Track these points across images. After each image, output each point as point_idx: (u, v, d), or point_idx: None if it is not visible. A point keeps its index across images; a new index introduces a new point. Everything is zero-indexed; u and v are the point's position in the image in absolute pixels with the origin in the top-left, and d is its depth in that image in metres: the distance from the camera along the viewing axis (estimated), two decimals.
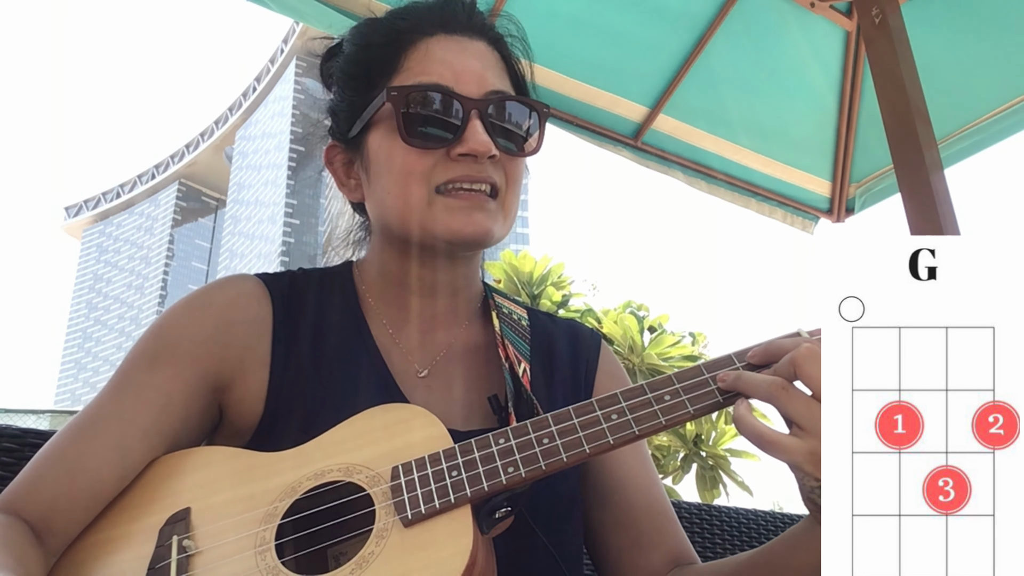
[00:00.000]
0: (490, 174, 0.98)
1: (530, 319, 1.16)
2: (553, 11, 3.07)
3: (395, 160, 0.98)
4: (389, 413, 0.89)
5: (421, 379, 1.03)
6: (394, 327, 1.06)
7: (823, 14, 3.25)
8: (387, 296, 1.07)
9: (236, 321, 0.98)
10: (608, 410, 0.83)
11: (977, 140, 3.34)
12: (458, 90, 0.97)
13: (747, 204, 3.80)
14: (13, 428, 1.13)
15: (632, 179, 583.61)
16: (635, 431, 0.82)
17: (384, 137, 1.00)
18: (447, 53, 1.00)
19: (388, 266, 1.07)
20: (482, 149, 0.95)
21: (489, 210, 0.98)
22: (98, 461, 0.87)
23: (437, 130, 0.97)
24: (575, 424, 0.83)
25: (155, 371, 0.93)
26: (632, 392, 0.85)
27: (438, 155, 0.97)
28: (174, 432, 0.93)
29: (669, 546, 1.05)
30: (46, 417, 20.67)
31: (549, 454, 0.81)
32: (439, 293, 1.07)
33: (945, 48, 3.21)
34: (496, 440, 0.83)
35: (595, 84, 3.28)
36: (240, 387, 0.97)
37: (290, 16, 2.62)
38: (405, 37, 1.02)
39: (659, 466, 13.28)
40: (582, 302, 14.48)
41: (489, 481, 0.80)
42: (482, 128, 0.96)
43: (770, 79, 3.51)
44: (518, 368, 1.03)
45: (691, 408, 0.82)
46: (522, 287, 14.08)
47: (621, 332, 12.66)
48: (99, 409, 0.91)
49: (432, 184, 0.96)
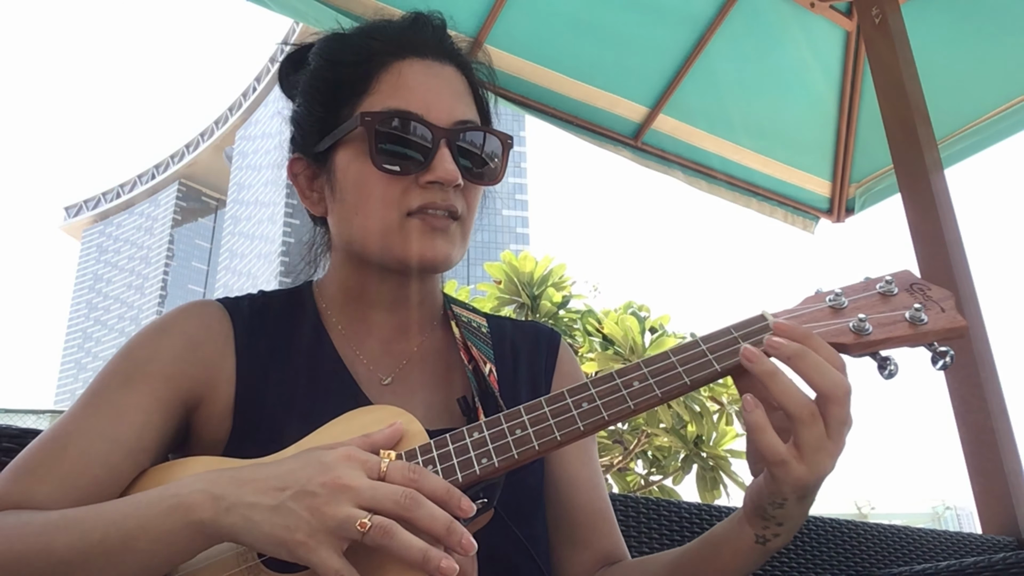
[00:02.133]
0: (453, 201, 1.00)
1: (490, 325, 1.19)
2: (553, 11, 3.07)
3: (365, 184, 1.00)
4: (367, 415, 0.90)
5: (385, 386, 1.06)
6: (356, 340, 1.09)
7: (823, 14, 3.26)
8: (347, 310, 1.10)
9: (200, 342, 1.01)
10: (578, 397, 0.84)
11: (977, 140, 3.34)
12: (428, 118, 0.99)
13: (748, 204, 3.80)
14: (13, 428, 1.12)
15: (633, 179, 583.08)
16: (604, 416, 0.83)
17: (353, 159, 1.01)
18: (418, 78, 1.02)
19: (348, 281, 1.09)
20: (449, 178, 0.98)
21: (450, 234, 1.01)
22: (87, 479, 0.88)
23: (407, 157, 0.99)
24: (546, 412, 0.84)
25: (130, 390, 0.95)
26: (602, 379, 0.86)
27: (407, 181, 0.99)
28: (155, 448, 0.95)
29: (601, 545, 1.09)
30: (46, 417, 20.67)
31: (521, 443, 0.82)
32: (399, 307, 1.10)
33: (945, 48, 3.21)
34: (470, 433, 0.84)
35: (595, 84, 3.28)
36: (209, 405, 1.00)
37: (290, 16, 2.62)
38: (376, 58, 1.03)
39: (660, 467, 13.26)
40: (583, 303, 14.46)
41: (463, 472, 0.81)
42: (450, 157, 0.99)
43: (770, 79, 3.51)
44: (484, 368, 1.07)
45: (658, 391, 0.84)
46: (522, 288, 14.06)
47: (622, 333, 12.63)
48: (78, 427, 0.92)
49: (402, 210, 0.99)
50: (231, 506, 0.75)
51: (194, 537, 0.76)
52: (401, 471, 0.77)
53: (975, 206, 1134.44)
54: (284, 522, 0.73)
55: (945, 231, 2.52)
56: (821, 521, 2.00)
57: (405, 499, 0.74)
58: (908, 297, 0.88)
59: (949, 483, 78.57)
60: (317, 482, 0.75)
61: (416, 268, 1.02)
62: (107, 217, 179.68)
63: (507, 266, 14.25)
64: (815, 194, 3.86)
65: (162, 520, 0.76)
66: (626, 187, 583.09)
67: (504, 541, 0.98)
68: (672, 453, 13.02)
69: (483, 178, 1.05)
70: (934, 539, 2.18)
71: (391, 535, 0.72)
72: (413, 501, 0.74)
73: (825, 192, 3.86)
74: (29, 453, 0.91)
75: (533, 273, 14.31)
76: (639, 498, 1.76)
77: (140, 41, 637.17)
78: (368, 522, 0.72)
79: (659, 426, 12.47)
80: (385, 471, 0.77)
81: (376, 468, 0.77)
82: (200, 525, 0.75)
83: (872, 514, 36.80)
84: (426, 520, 0.74)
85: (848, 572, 1.96)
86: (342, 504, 0.73)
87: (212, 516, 0.75)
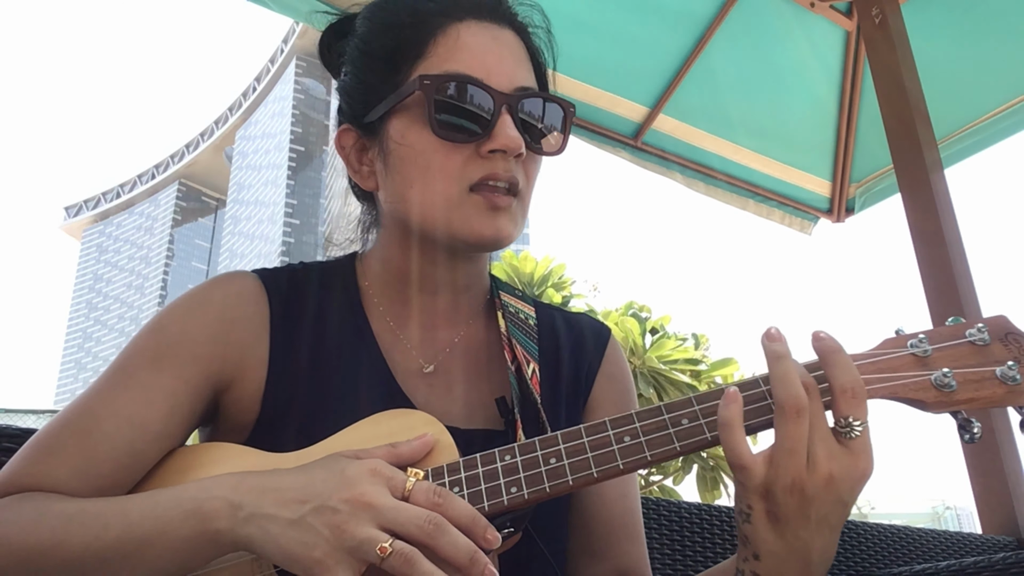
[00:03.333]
0: (514, 172, 0.94)
1: (538, 317, 1.13)
2: (553, 11, 3.06)
3: (425, 154, 0.93)
4: (395, 420, 0.86)
5: (424, 376, 1.01)
6: (396, 322, 1.04)
7: (823, 14, 3.25)
8: (389, 291, 1.04)
9: (235, 319, 0.96)
10: (620, 431, 0.78)
11: (977, 140, 3.34)
12: (489, 83, 0.93)
13: (745, 205, 3.80)
14: (13, 428, 1.12)
15: (634, 179, 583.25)
16: (647, 456, 0.77)
17: (409, 127, 0.94)
18: (478, 42, 0.95)
19: (393, 260, 1.04)
20: (513, 146, 0.91)
21: (511, 212, 0.95)
22: (110, 466, 0.85)
23: (467, 124, 0.92)
24: (585, 444, 0.78)
25: (159, 371, 0.91)
26: (649, 412, 0.79)
27: (468, 151, 0.93)
28: (181, 433, 0.92)
29: (618, 560, 1.03)
30: (46, 417, 20.66)
31: (554, 475, 0.77)
32: (443, 290, 1.04)
33: (945, 48, 3.21)
34: (501, 457, 0.79)
35: (595, 84, 3.28)
36: (238, 387, 0.95)
37: (290, 16, 2.62)
38: (434, 20, 0.96)
39: (660, 467, 13.26)
40: (583, 303, 14.44)
41: (490, 500, 0.77)
42: (512, 124, 0.92)
43: (770, 79, 3.51)
44: (526, 369, 1.01)
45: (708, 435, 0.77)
46: (523, 288, 14.05)
47: (622, 335, 12.63)
48: (104, 408, 0.88)
49: (464, 182, 0.93)
50: (249, 516, 0.73)
51: (209, 546, 0.74)
52: (426, 494, 0.74)
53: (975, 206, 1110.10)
54: (302, 538, 0.71)
55: (945, 231, 2.52)
56: None
57: (429, 524, 0.71)
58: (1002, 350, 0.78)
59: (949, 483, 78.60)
60: (340, 498, 0.72)
61: (475, 247, 0.96)
62: (107, 217, 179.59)
63: (508, 266, 14.23)
64: (815, 194, 3.86)
65: (179, 526, 0.74)
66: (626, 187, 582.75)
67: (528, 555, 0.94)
68: None
69: (544, 148, 0.99)
70: (934, 539, 2.18)
71: (412, 564, 0.69)
72: (437, 528, 0.71)
73: (825, 192, 3.86)
74: (51, 432, 0.87)
75: (534, 273, 14.30)
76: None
77: (141, 41, 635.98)
78: (389, 547, 0.69)
79: None
80: (410, 491, 0.74)
81: (401, 487, 0.74)
82: (216, 535, 0.74)
83: (872, 514, 36.78)
84: (449, 548, 0.71)
85: (848, 572, 1.96)
86: (363, 524, 0.70)
87: (229, 526, 0.73)
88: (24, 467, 0.84)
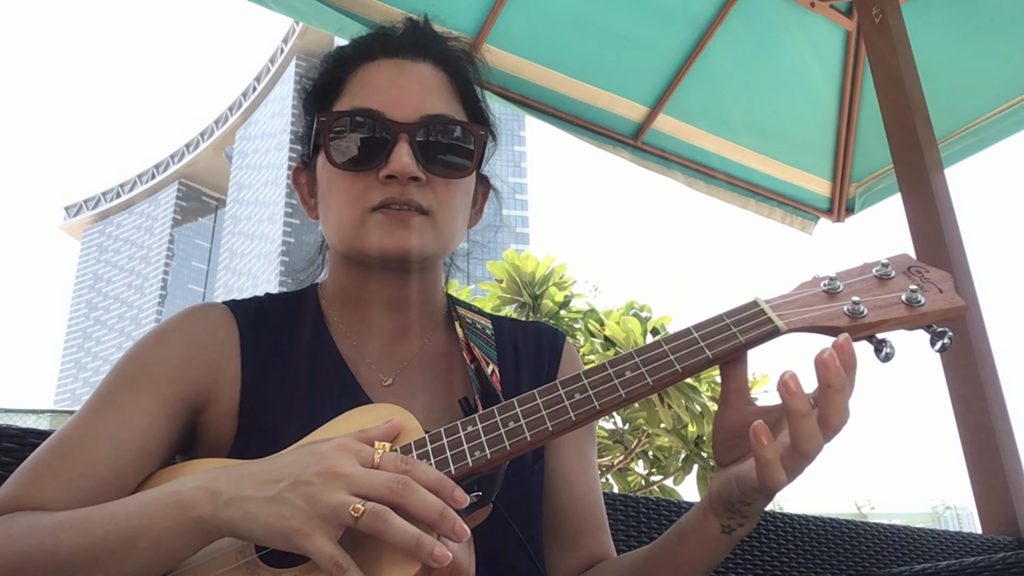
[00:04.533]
0: (413, 196, 1.00)
1: (494, 327, 1.19)
2: (554, 11, 3.07)
3: (332, 183, 1.04)
4: (367, 413, 0.92)
5: (386, 388, 1.07)
6: (358, 341, 1.10)
7: (823, 14, 3.26)
8: (348, 311, 1.11)
9: (205, 344, 1.03)
10: (571, 388, 0.84)
11: (977, 140, 3.34)
12: (389, 114, 1.01)
13: (746, 205, 3.80)
14: (13, 428, 1.13)
15: (634, 179, 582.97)
16: (596, 406, 0.83)
17: (325, 161, 1.04)
18: (382, 77, 1.05)
19: (344, 282, 1.11)
20: (403, 171, 0.98)
21: (415, 226, 1.01)
22: (93, 483, 0.89)
23: (368, 154, 1.01)
24: (539, 404, 0.84)
25: (137, 394, 0.96)
26: (594, 370, 0.86)
27: (369, 178, 1.01)
28: (160, 451, 0.96)
29: (589, 549, 1.10)
30: (46, 417, 20.67)
31: (513, 434, 0.82)
32: (398, 307, 1.10)
33: (945, 48, 3.21)
34: (464, 426, 0.85)
35: (595, 84, 3.28)
36: (214, 407, 1.01)
37: (290, 16, 2.62)
38: (349, 63, 1.08)
39: (660, 467, 13.26)
40: (584, 303, 14.46)
41: (456, 464, 0.82)
42: (407, 151, 0.99)
43: (770, 79, 3.51)
44: (486, 369, 1.07)
45: (650, 380, 0.83)
46: (524, 287, 14.06)
47: (624, 334, 12.63)
48: (85, 431, 0.93)
49: (366, 205, 1.01)
50: (229, 500, 0.76)
51: (194, 533, 0.77)
52: (394, 461, 0.78)
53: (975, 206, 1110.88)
54: (280, 511, 0.74)
55: (945, 230, 2.52)
56: (821, 521, 2.00)
57: (398, 484, 0.75)
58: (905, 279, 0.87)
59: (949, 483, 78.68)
60: (311, 471, 0.75)
61: (380, 259, 1.03)
62: (107, 217, 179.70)
63: (509, 265, 14.24)
64: (815, 194, 3.86)
65: (162, 518, 0.77)
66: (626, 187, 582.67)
67: (504, 541, 0.99)
68: (673, 453, 13.02)
69: (451, 172, 1.04)
70: (934, 539, 2.18)
71: (384, 520, 0.73)
72: (406, 487, 0.75)
73: (825, 192, 3.86)
74: (37, 456, 0.92)
75: (535, 273, 14.31)
76: (639, 498, 1.76)
77: (141, 40, 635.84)
78: (361, 507, 0.73)
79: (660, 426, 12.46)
80: (379, 461, 0.78)
81: (370, 458, 0.78)
82: (199, 521, 0.76)
83: (872, 514, 36.78)
84: (419, 506, 0.74)
85: (848, 572, 1.96)
86: (336, 491, 0.74)
87: (211, 512, 0.76)
88: (14, 489, 0.89)
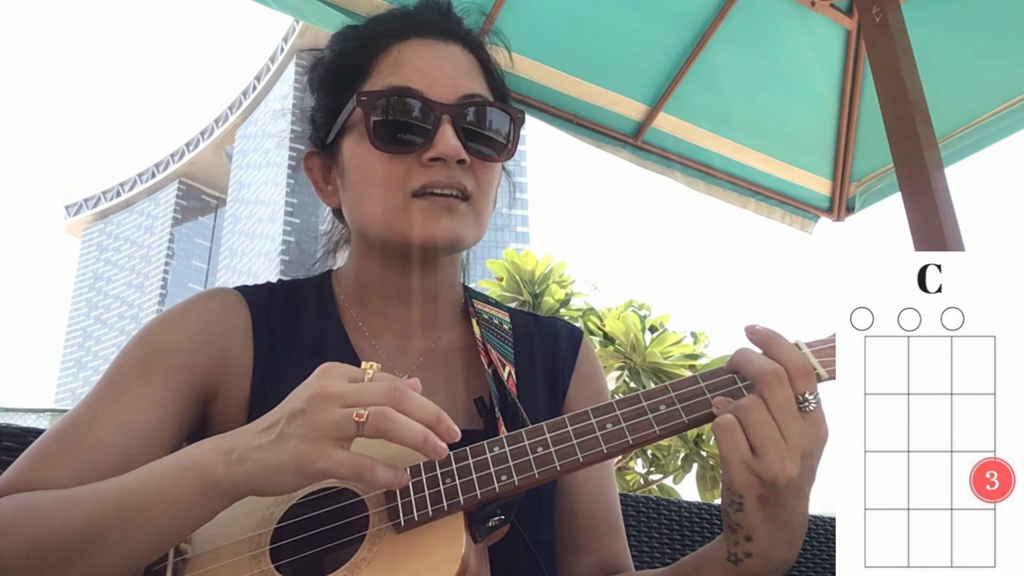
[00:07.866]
0: (460, 179, 0.98)
1: (512, 322, 1.17)
2: (554, 9, 3.07)
3: (368, 166, 0.99)
4: None
5: None
6: (372, 333, 1.08)
7: (824, 13, 3.25)
8: (364, 303, 1.09)
9: (217, 332, 1.01)
10: (603, 419, 0.83)
11: (978, 139, 3.34)
12: (429, 95, 0.98)
13: (745, 204, 3.80)
14: (13, 427, 1.13)
15: (633, 177, 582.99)
16: (628, 440, 0.81)
17: (356, 143, 1.01)
18: (419, 57, 1.01)
19: (365, 273, 1.09)
20: (451, 153, 0.96)
21: (459, 213, 0.99)
22: (102, 470, 0.87)
23: (408, 135, 0.97)
24: (569, 432, 0.82)
25: (148, 381, 0.95)
26: (627, 401, 0.84)
27: (411, 160, 0.97)
28: (170, 440, 0.95)
29: (602, 554, 1.07)
30: (46, 416, 20.69)
31: (543, 462, 0.81)
32: (416, 299, 1.08)
33: (946, 46, 3.21)
34: (491, 447, 0.83)
35: (595, 82, 3.27)
36: (225, 397, 1.00)
37: (291, 15, 2.62)
38: (378, 42, 1.03)
39: (659, 466, 13.28)
40: (583, 301, 14.47)
41: (482, 488, 0.80)
42: (452, 133, 0.96)
43: (771, 77, 3.51)
44: (503, 372, 1.05)
45: (685, 418, 0.82)
46: (524, 286, 14.08)
47: (623, 330, 12.66)
48: (95, 416, 0.92)
49: (407, 190, 0.97)
50: (241, 456, 0.76)
51: (211, 494, 0.77)
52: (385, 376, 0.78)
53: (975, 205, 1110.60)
54: (286, 445, 0.74)
55: (945, 230, 2.52)
56: (821, 520, 2.00)
57: (393, 391, 0.75)
58: None
59: None
60: (303, 399, 0.76)
61: (422, 249, 1.00)
62: (107, 215, 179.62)
63: (509, 264, 14.26)
64: (815, 193, 3.85)
65: (177, 481, 0.77)
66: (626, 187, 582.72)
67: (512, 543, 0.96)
68: (672, 452, 13.04)
69: (492, 154, 1.02)
70: None
71: (391, 419, 0.73)
72: (402, 393, 0.75)
73: (825, 191, 3.85)
74: (45, 440, 0.90)
75: (535, 271, 14.32)
76: (639, 497, 1.76)
77: (141, 40, 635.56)
78: (364, 412, 0.73)
79: None
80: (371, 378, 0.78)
81: (360, 375, 0.78)
82: (216, 482, 0.76)
83: None
84: (418, 410, 0.75)
85: None
86: (331, 408, 0.74)
87: (226, 470, 0.76)
88: (21, 473, 0.87)
